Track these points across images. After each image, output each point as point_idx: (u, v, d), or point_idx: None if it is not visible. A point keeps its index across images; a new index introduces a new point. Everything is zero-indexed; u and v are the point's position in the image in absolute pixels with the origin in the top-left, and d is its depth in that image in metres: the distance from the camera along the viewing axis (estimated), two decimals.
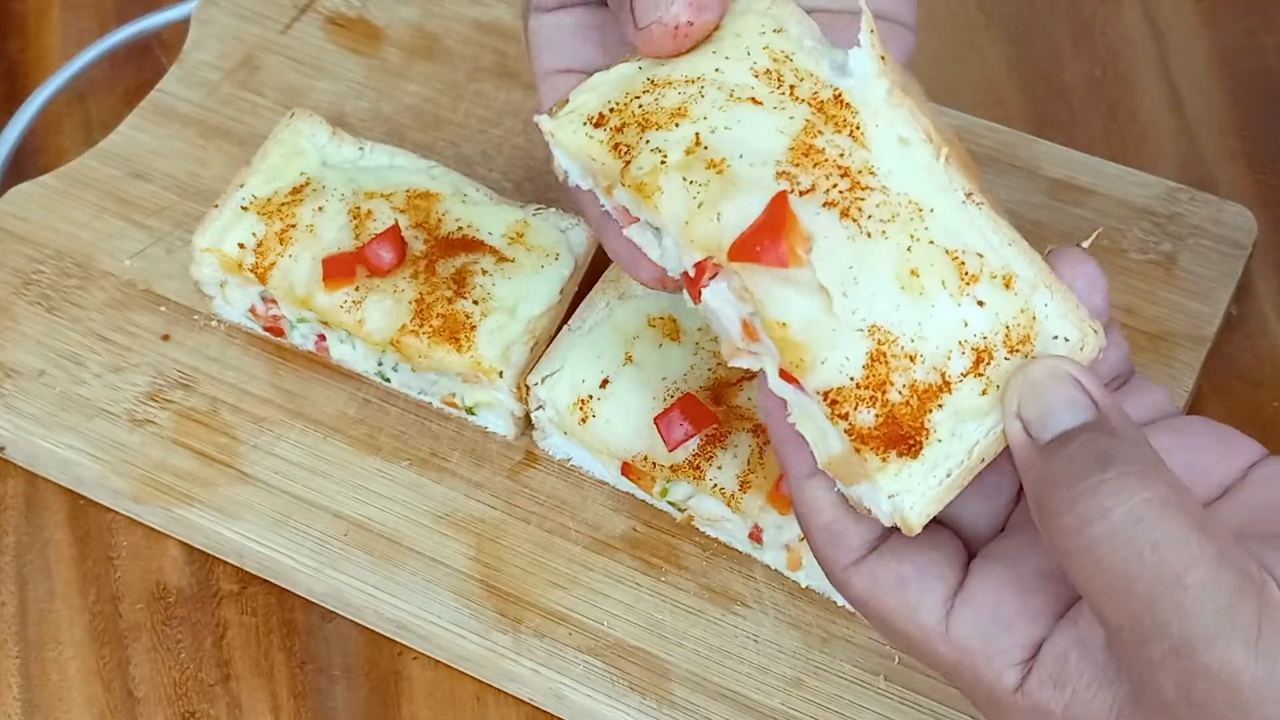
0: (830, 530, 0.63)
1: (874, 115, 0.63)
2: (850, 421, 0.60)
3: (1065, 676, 0.59)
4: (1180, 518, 0.55)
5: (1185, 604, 0.54)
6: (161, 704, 0.87)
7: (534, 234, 0.93)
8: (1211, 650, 0.54)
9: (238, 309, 0.95)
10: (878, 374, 0.60)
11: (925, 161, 0.63)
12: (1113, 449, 0.57)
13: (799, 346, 0.61)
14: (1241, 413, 0.96)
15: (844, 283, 0.61)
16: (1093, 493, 0.56)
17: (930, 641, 0.62)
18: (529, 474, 0.91)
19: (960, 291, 0.61)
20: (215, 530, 0.89)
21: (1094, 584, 0.56)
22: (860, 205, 0.62)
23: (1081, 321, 0.61)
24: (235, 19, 1.09)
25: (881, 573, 0.62)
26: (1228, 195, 1.01)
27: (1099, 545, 0.55)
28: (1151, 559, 0.55)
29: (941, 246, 0.62)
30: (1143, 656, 0.55)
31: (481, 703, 0.87)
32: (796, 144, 0.63)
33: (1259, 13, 1.12)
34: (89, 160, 1.03)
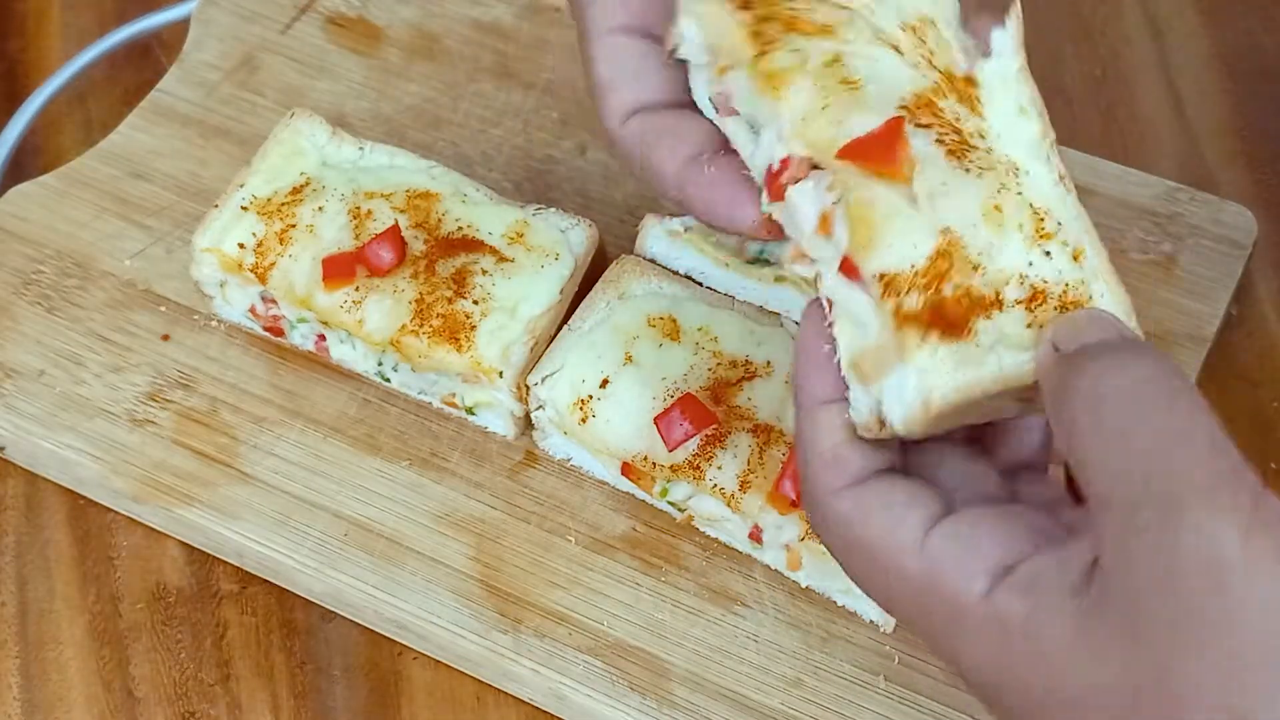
0: (833, 454, 0.63)
1: (999, 87, 0.67)
2: (899, 302, 0.62)
3: (1034, 586, 0.57)
4: (1190, 393, 0.56)
5: (1180, 465, 0.54)
6: (161, 704, 0.87)
7: (534, 234, 0.93)
8: (1200, 517, 0.53)
9: (238, 309, 0.95)
10: (938, 267, 0.62)
11: (1034, 135, 0.67)
12: (1136, 341, 0.59)
13: (874, 226, 0.62)
14: (1241, 413, 0.96)
15: (934, 193, 0.63)
16: (1114, 354, 0.57)
17: (902, 558, 0.60)
18: (529, 474, 0.91)
19: (1034, 240, 0.64)
20: (215, 530, 0.89)
21: (1094, 443, 0.56)
22: (965, 153, 0.65)
23: (1129, 318, 0.64)
24: (235, 19, 1.09)
25: (872, 496, 0.62)
26: (1228, 195, 1.01)
27: (1109, 399, 0.56)
28: (1155, 416, 0.55)
29: (1028, 200, 0.65)
30: (1131, 526, 0.54)
31: (481, 703, 0.87)
32: (921, 94, 0.67)
33: (1259, 13, 1.12)
34: (89, 160, 1.03)
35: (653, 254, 0.95)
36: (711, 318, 0.90)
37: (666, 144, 0.70)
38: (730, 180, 0.69)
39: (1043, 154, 0.66)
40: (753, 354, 0.88)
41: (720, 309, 0.91)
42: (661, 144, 0.70)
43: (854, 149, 0.64)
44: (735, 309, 0.91)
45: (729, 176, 0.69)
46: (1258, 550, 0.52)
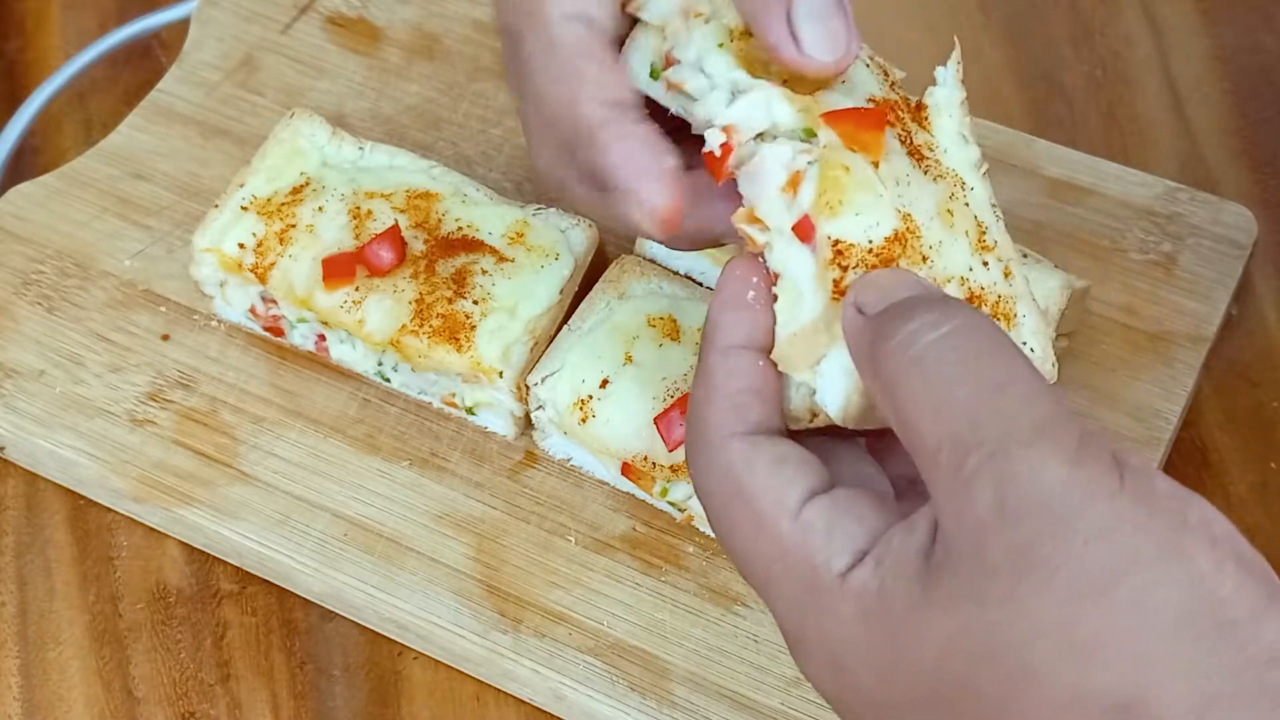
0: (739, 398, 0.62)
1: (945, 111, 0.69)
2: (844, 273, 0.62)
3: (883, 557, 0.57)
4: (1006, 342, 0.56)
5: (1005, 409, 0.54)
6: (161, 704, 0.87)
7: (534, 234, 0.93)
8: (1027, 454, 0.53)
9: (238, 309, 0.95)
10: (891, 251, 0.63)
11: (973, 160, 0.68)
12: (944, 296, 0.59)
13: (845, 190, 0.62)
14: (1241, 413, 0.96)
15: (899, 180, 0.64)
16: (927, 309, 0.57)
17: (778, 518, 0.60)
18: (529, 474, 0.91)
19: (977, 248, 0.66)
20: (215, 530, 0.89)
21: (915, 401, 0.56)
22: (923, 159, 0.67)
23: (1047, 348, 0.66)
24: (235, 19, 1.09)
25: (766, 449, 0.61)
26: (1228, 195, 1.01)
27: (926, 356, 0.56)
28: (975, 366, 0.55)
29: (972, 212, 0.67)
30: (961, 473, 0.54)
31: (481, 703, 0.87)
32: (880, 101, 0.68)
33: (1259, 13, 1.12)
34: (89, 160, 1.03)
35: (653, 254, 0.95)
36: None
37: (601, 71, 0.67)
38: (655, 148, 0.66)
39: (980, 179, 0.68)
40: None
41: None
42: (597, 66, 0.67)
43: (844, 114, 0.64)
44: None
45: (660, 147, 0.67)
46: (1085, 480, 0.53)
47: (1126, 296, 0.96)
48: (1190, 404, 0.95)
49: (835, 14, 0.65)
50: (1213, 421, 0.95)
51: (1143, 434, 0.91)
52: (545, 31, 0.68)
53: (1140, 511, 0.53)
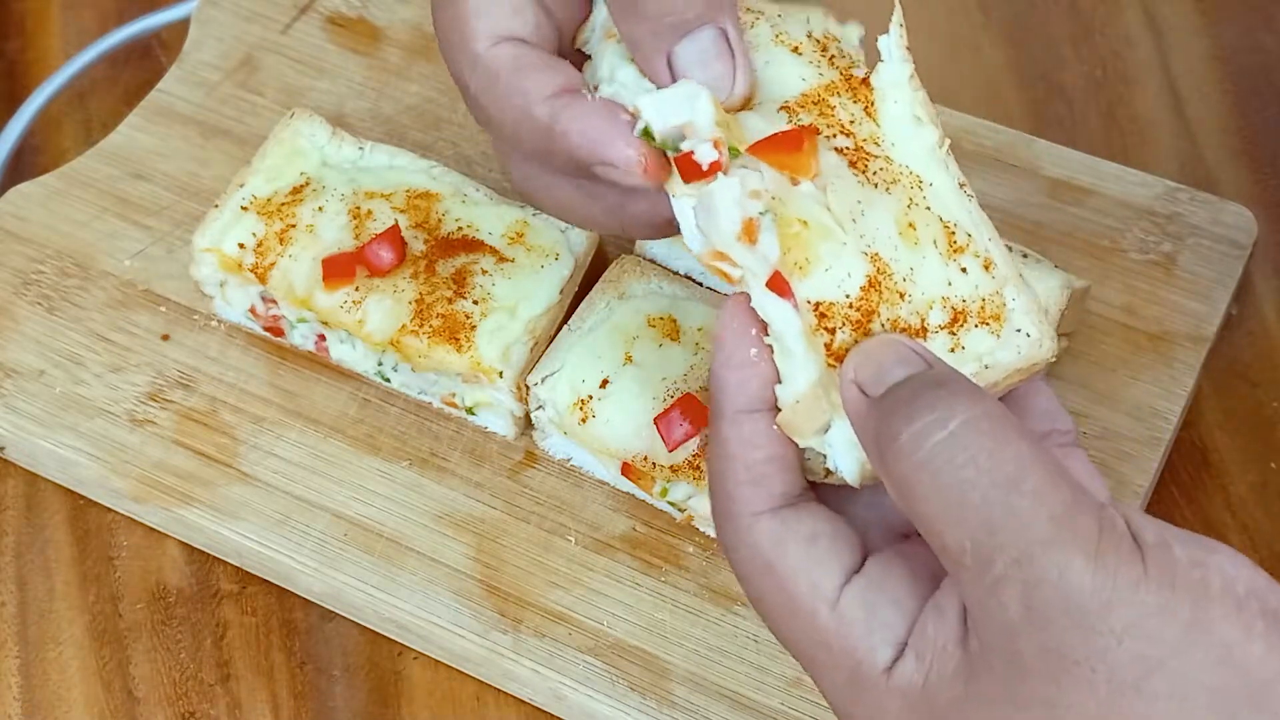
0: (757, 470, 0.62)
1: (892, 93, 0.66)
2: (833, 335, 0.61)
3: (924, 646, 0.58)
4: (1014, 431, 0.56)
5: (1021, 509, 0.54)
6: (161, 704, 0.87)
7: (534, 234, 0.93)
8: (1049, 556, 0.53)
9: (238, 309, 0.95)
10: (870, 301, 0.62)
11: (930, 144, 0.66)
12: (944, 379, 0.58)
13: (809, 246, 0.61)
14: (1241, 413, 0.96)
15: (853, 212, 0.62)
16: (929, 408, 0.56)
17: (816, 605, 0.60)
18: (529, 474, 0.91)
19: (948, 255, 0.64)
20: (215, 530, 0.89)
21: (931, 504, 0.56)
22: (867, 163, 0.64)
23: (1041, 324, 0.64)
24: (235, 19, 1.09)
25: (797, 524, 0.61)
26: (1228, 195, 1.01)
27: (935, 459, 0.56)
28: (986, 465, 0.55)
29: (936, 214, 0.64)
30: (986, 577, 0.54)
31: (481, 703, 0.87)
32: (811, 93, 0.66)
33: (1259, 13, 1.12)
34: (89, 160, 1.03)
35: (653, 254, 0.95)
36: (711, 318, 0.90)
37: (541, 72, 0.66)
38: (611, 113, 0.65)
39: (940, 162, 0.66)
40: None
41: None
42: (536, 71, 0.67)
43: (764, 145, 0.63)
44: None
45: (611, 108, 0.65)
46: (1109, 574, 0.53)
47: (1126, 296, 0.96)
48: (1190, 404, 0.95)
49: (718, 57, 0.65)
50: (1213, 421, 0.95)
51: (1143, 434, 0.91)
52: (481, 65, 0.68)
53: (1165, 594, 0.53)
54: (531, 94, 0.66)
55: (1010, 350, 0.63)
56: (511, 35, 0.68)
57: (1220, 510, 0.92)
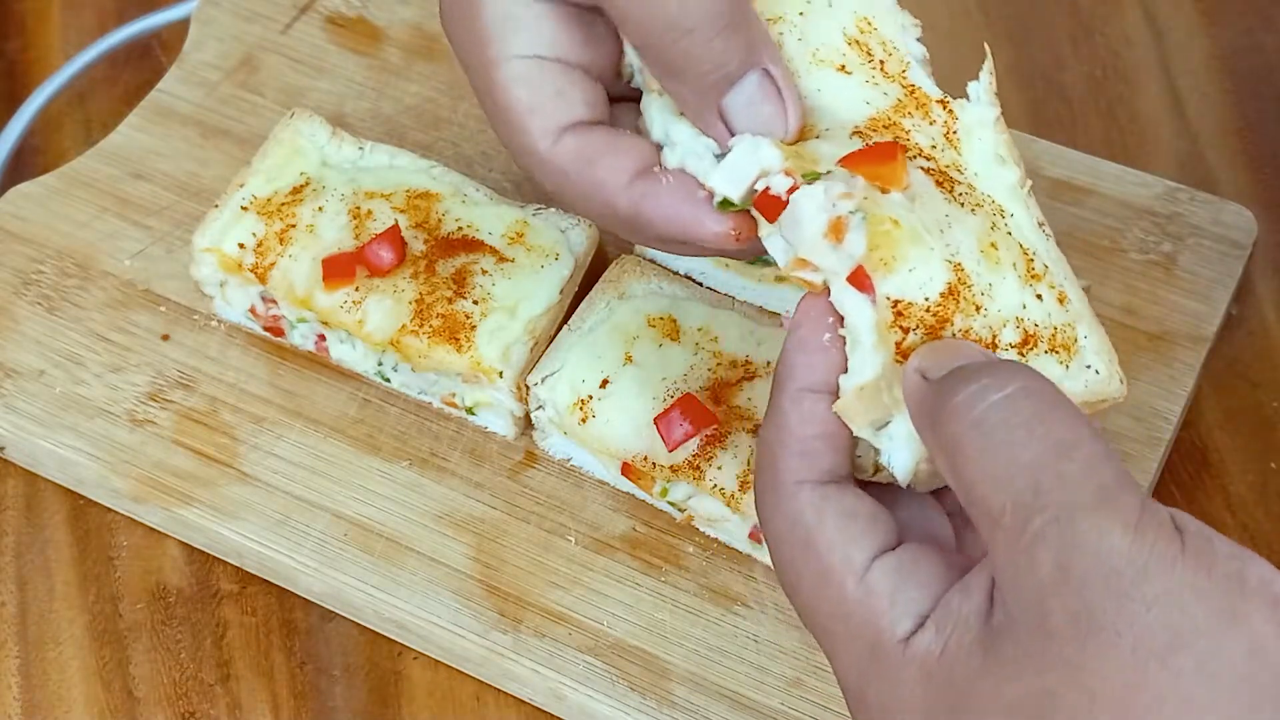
0: (810, 444, 0.62)
1: (978, 130, 0.67)
2: (905, 334, 0.61)
3: (944, 621, 0.58)
4: (1070, 406, 0.56)
5: (1070, 473, 0.54)
6: (161, 704, 0.87)
7: (534, 234, 0.93)
8: (1091, 520, 0.54)
9: (238, 309, 0.95)
10: (947, 307, 0.62)
11: (1012, 183, 0.67)
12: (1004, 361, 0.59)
13: (897, 245, 0.61)
14: (1241, 413, 0.96)
15: (940, 225, 0.63)
16: (990, 374, 0.57)
17: (845, 576, 0.60)
18: (529, 474, 0.91)
19: (1025, 280, 0.64)
20: (215, 530, 0.89)
21: (980, 465, 0.56)
22: (952, 185, 0.65)
23: (1112, 365, 0.65)
24: (235, 19, 1.09)
25: (836, 500, 0.61)
26: (1228, 195, 1.01)
27: (990, 418, 0.56)
28: (1040, 429, 0.55)
29: (1017, 241, 0.65)
30: (1024, 536, 0.55)
31: (481, 703, 0.87)
32: (880, 117, 0.67)
33: (1259, 13, 1.12)
34: (89, 160, 1.03)
35: (653, 254, 0.95)
36: (711, 318, 0.90)
37: (610, 158, 0.67)
38: (691, 190, 0.66)
39: (1022, 201, 0.67)
40: (753, 354, 0.88)
41: (720, 309, 0.91)
42: (604, 159, 0.67)
43: (857, 156, 0.64)
44: (735, 309, 0.91)
45: (689, 186, 0.66)
46: (1147, 546, 0.53)
47: (1126, 296, 0.96)
48: (1190, 404, 0.95)
49: (765, 100, 0.66)
50: (1213, 421, 0.95)
51: (1143, 434, 0.91)
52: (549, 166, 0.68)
53: (1201, 576, 0.53)
54: (609, 187, 0.67)
55: (1078, 383, 0.64)
56: (569, 123, 0.68)
57: (1220, 510, 0.92)
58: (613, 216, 0.68)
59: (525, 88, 0.68)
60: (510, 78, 0.68)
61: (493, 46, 0.68)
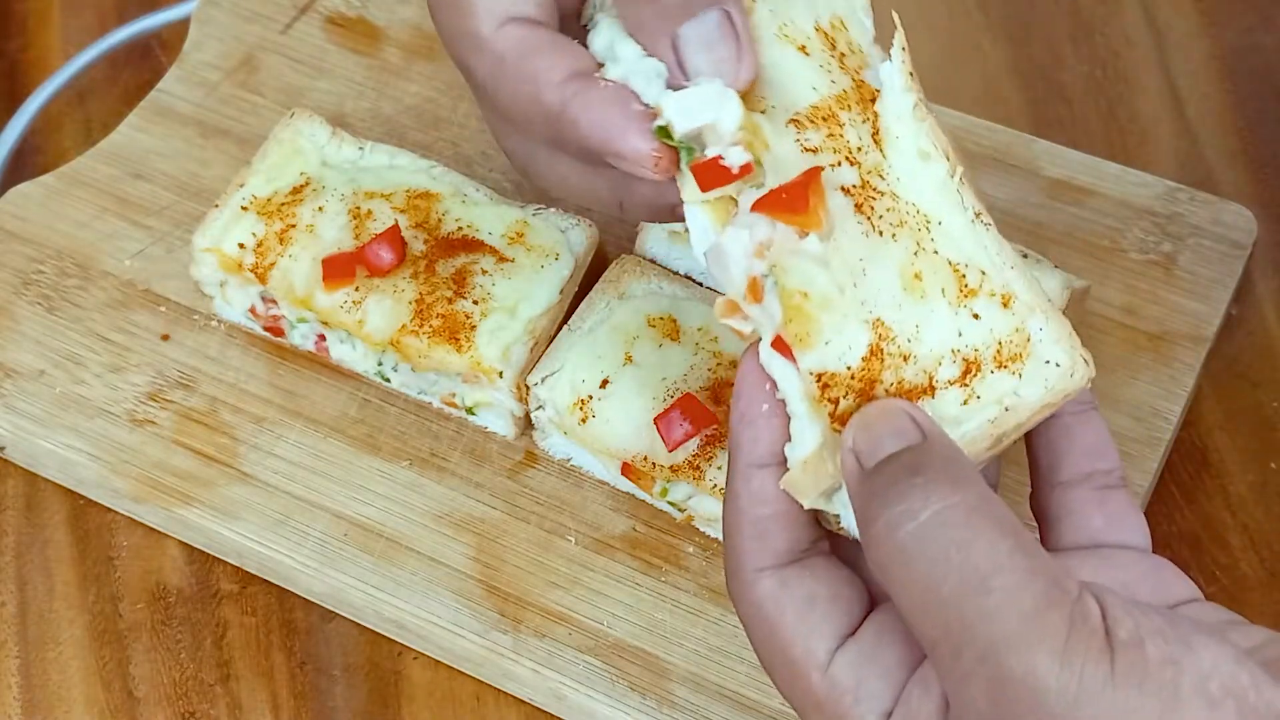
0: (763, 525, 0.62)
1: (896, 125, 0.65)
2: (835, 404, 0.61)
3: (909, 716, 0.59)
4: (989, 524, 0.55)
5: (989, 607, 0.54)
6: (161, 704, 0.87)
7: (534, 234, 0.93)
8: (1015, 655, 0.53)
9: (238, 309, 0.95)
10: (872, 369, 0.61)
11: (941, 177, 0.64)
12: (925, 461, 0.58)
13: (810, 320, 0.61)
14: (1241, 413, 0.96)
15: (855, 273, 0.62)
16: (902, 498, 0.56)
17: (809, 669, 0.61)
18: (529, 474, 0.91)
19: (959, 302, 0.63)
20: (215, 530, 0.89)
21: (907, 593, 0.56)
22: (873, 205, 0.63)
23: (1073, 350, 0.63)
24: (235, 19, 1.09)
25: (796, 585, 0.61)
26: (1228, 195, 1.01)
27: (908, 548, 0.56)
28: (956, 559, 0.55)
29: (945, 258, 0.63)
30: (956, 670, 0.55)
31: (481, 703, 0.87)
32: (822, 105, 0.65)
33: (1259, 13, 1.12)
34: (89, 160, 1.03)
35: (653, 254, 0.95)
36: (711, 318, 0.90)
37: (550, 55, 0.66)
38: (624, 102, 0.64)
39: (953, 195, 0.64)
40: None
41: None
42: (544, 53, 0.66)
43: (768, 200, 0.62)
44: None
45: (625, 96, 0.64)
46: (1075, 676, 0.53)
47: (1126, 296, 0.96)
48: (1190, 404, 0.95)
49: (721, 41, 0.64)
50: (1213, 421, 0.95)
51: (1143, 434, 0.91)
52: (488, 48, 0.67)
53: (1132, 695, 0.53)
54: (541, 78, 0.65)
55: (1037, 385, 0.62)
56: (517, 15, 0.67)
57: (1220, 510, 0.92)
58: (539, 113, 0.66)
59: None
60: None
61: None
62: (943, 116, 1.00)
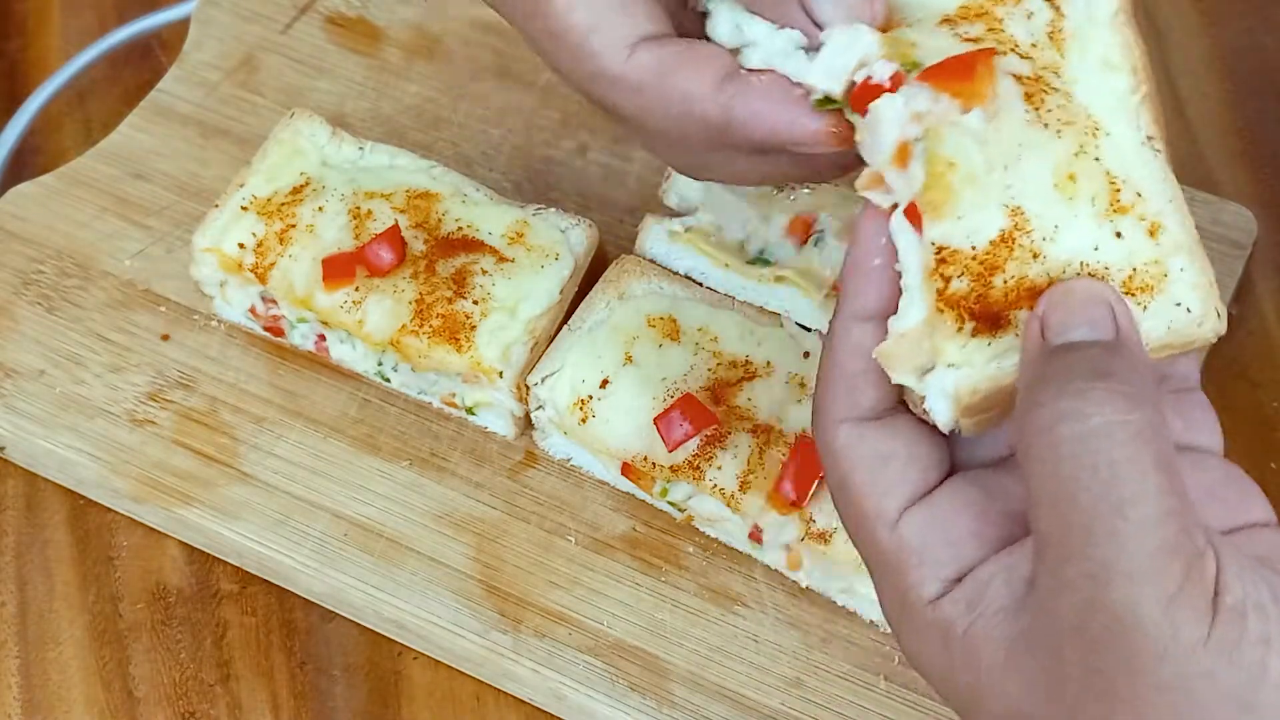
0: (854, 379, 0.61)
1: (1087, 31, 0.63)
2: (947, 283, 0.59)
3: (979, 599, 0.57)
4: (1147, 454, 0.54)
5: (1119, 531, 0.53)
6: (161, 704, 0.87)
7: (534, 234, 0.93)
8: (1124, 586, 0.53)
9: (238, 309, 0.95)
10: (997, 256, 0.59)
11: (1122, 90, 0.62)
12: (1112, 367, 0.56)
13: (950, 190, 0.59)
14: (1241, 413, 0.96)
15: (1009, 157, 0.60)
16: (1078, 395, 0.55)
17: (877, 526, 0.60)
18: (529, 474, 0.91)
19: (1106, 215, 0.60)
20: (215, 530, 0.89)
21: (1044, 484, 0.55)
22: (1044, 97, 0.61)
23: (1209, 300, 0.60)
24: (235, 19, 1.09)
25: (874, 440, 0.61)
26: (1228, 195, 1.01)
27: (1062, 445, 0.54)
28: (1105, 474, 0.54)
29: (1105, 167, 0.61)
30: (1060, 574, 0.54)
31: (481, 703, 0.87)
32: (971, 4, 0.63)
33: (1259, 13, 1.12)
34: (89, 160, 1.03)
35: (653, 254, 0.95)
36: (711, 318, 0.90)
37: (690, 67, 0.65)
38: (785, 88, 0.64)
39: (1129, 112, 0.62)
40: (753, 354, 0.88)
41: (720, 309, 0.91)
42: (684, 68, 0.65)
43: (937, 70, 0.60)
44: (735, 309, 0.91)
45: (783, 84, 0.64)
46: (1171, 625, 0.52)
47: None
48: None
49: None
50: None
51: None
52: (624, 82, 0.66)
53: (1221, 662, 0.52)
54: (693, 94, 0.65)
55: (1160, 323, 0.60)
56: (638, 38, 0.66)
57: None
58: (701, 127, 0.65)
59: (583, 9, 0.65)
60: (565, 2, 0.65)
61: None
62: None
